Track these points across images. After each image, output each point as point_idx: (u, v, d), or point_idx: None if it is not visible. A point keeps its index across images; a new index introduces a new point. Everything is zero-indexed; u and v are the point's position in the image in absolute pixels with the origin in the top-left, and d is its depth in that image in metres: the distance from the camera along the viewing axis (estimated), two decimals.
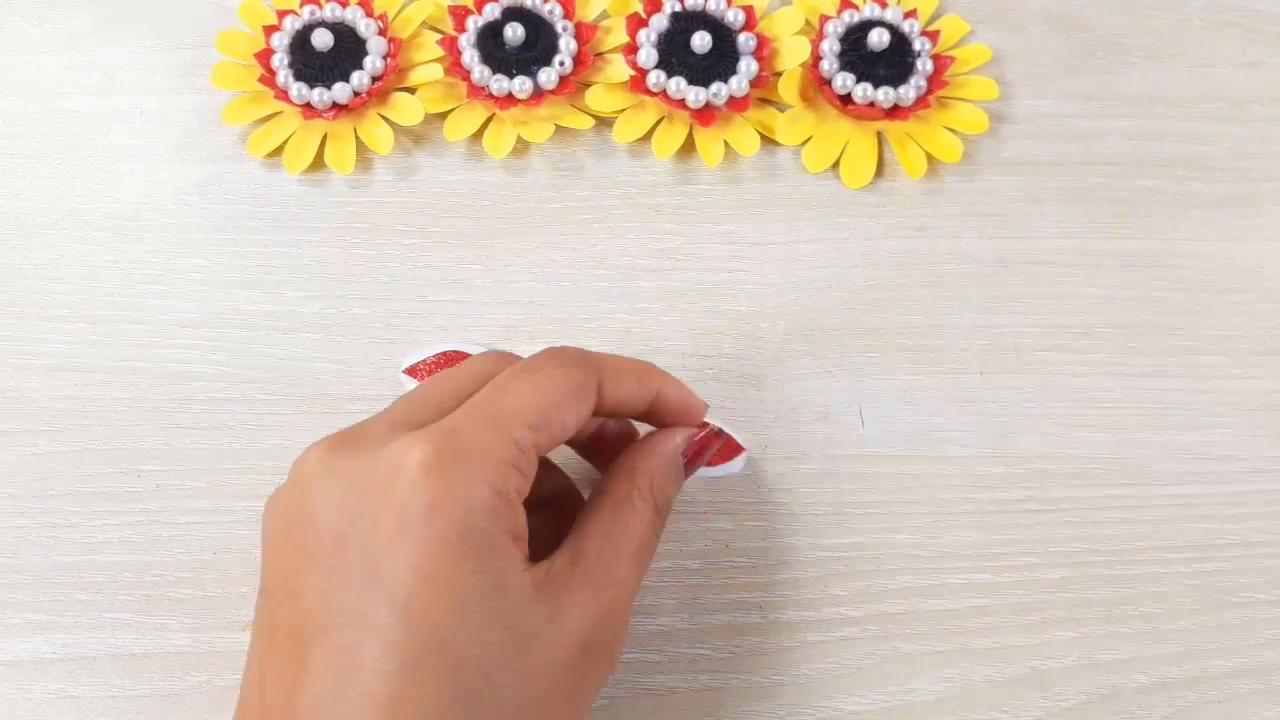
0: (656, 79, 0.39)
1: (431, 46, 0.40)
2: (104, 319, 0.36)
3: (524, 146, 0.39)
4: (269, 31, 0.39)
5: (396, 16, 0.40)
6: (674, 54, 0.39)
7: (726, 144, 0.39)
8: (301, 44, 0.39)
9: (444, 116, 0.39)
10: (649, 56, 0.39)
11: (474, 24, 0.39)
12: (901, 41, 0.40)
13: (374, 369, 0.36)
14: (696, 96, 0.38)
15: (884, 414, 0.36)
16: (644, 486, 0.28)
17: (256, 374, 0.36)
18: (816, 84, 0.40)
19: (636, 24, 0.40)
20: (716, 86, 0.39)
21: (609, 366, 0.28)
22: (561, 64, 0.39)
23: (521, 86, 0.38)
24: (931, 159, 0.39)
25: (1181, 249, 0.39)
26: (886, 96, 0.39)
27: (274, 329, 0.36)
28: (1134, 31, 0.42)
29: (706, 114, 0.39)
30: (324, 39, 0.38)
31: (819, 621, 0.33)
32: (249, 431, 0.35)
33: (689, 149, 0.39)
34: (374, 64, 0.39)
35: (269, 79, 0.39)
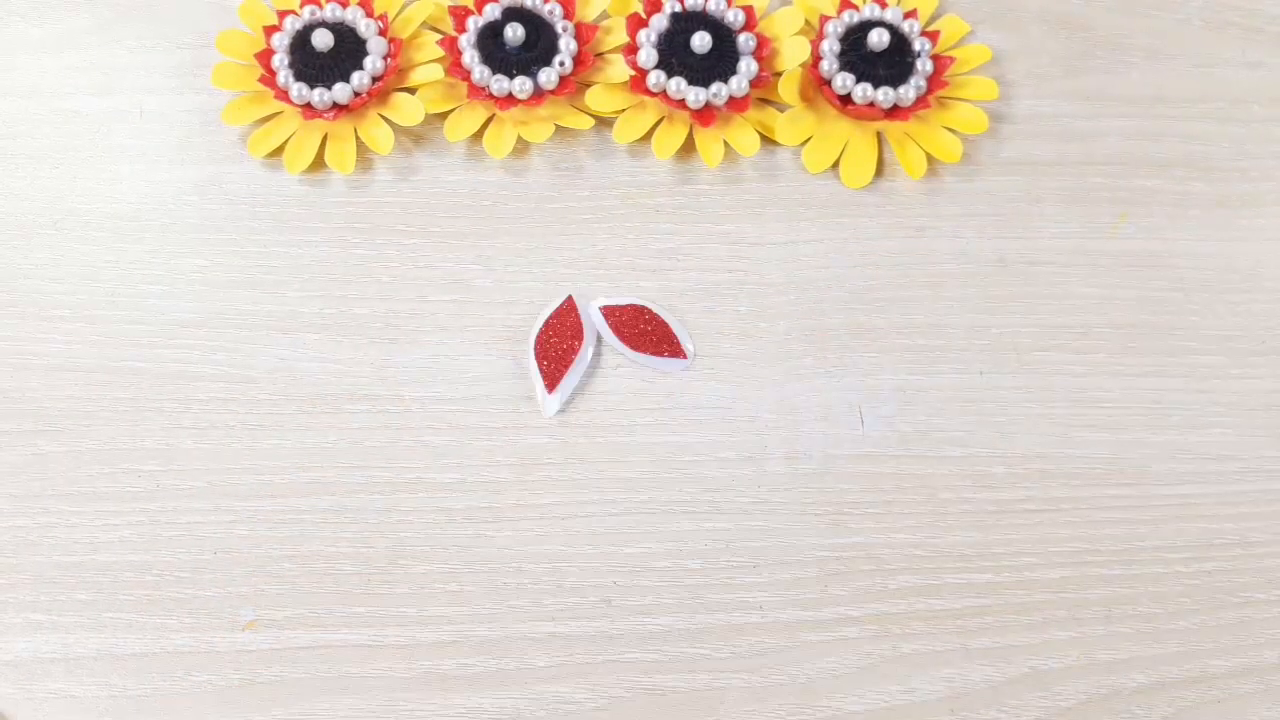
0: (656, 79, 0.39)
1: (432, 47, 0.40)
2: (104, 319, 0.36)
3: (524, 147, 0.39)
4: (269, 32, 0.39)
5: (397, 16, 0.40)
6: (674, 54, 0.39)
7: (726, 144, 0.39)
8: (302, 44, 0.39)
9: (444, 117, 0.39)
10: (649, 57, 0.39)
11: (474, 24, 0.39)
12: (901, 41, 0.40)
13: (374, 369, 0.36)
14: (696, 97, 0.38)
15: (884, 414, 0.36)
16: None
17: (256, 374, 0.36)
18: (816, 84, 0.40)
19: (636, 24, 0.40)
20: (716, 87, 0.39)
21: None
22: (561, 64, 0.39)
23: (522, 87, 0.38)
24: (931, 159, 0.39)
25: (1181, 249, 0.39)
26: (886, 96, 0.39)
27: (274, 329, 0.36)
28: (1134, 31, 0.42)
29: (706, 114, 0.39)
30: (324, 39, 0.38)
31: (819, 621, 0.33)
32: (249, 431, 0.35)
33: (689, 149, 0.39)
34: (374, 64, 0.39)
35: (269, 79, 0.39)
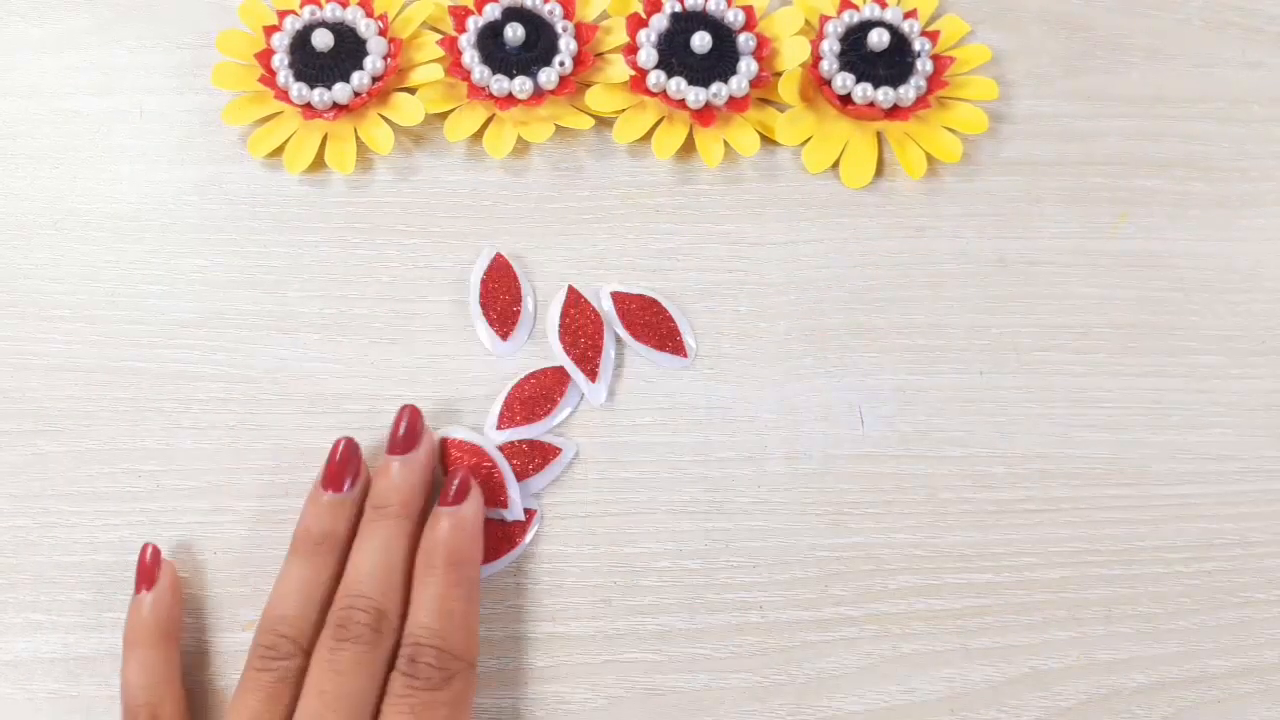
0: (656, 79, 0.39)
1: (432, 46, 0.40)
2: (104, 319, 0.36)
3: (524, 147, 0.39)
4: (269, 32, 0.39)
5: (397, 16, 0.40)
6: (674, 54, 0.39)
7: (726, 144, 0.39)
8: (302, 44, 0.39)
9: (444, 117, 0.39)
10: (649, 57, 0.39)
11: (474, 24, 0.39)
12: (901, 42, 0.40)
13: (374, 369, 0.36)
14: (696, 97, 0.38)
15: (884, 414, 0.36)
16: None
17: (256, 374, 0.36)
18: (816, 84, 0.40)
19: (636, 24, 0.40)
20: (716, 87, 0.39)
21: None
22: (561, 64, 0.39)
23: (522, 87, 0.38)
24: (931, 159, 0.39)
25: (1181, 249, 0.39)
26: (886, 97, 0.39)
27: (274, 329, 0.36)
28: (1134, 31, 0.42)
29: (706, 114, 0.39)
30: (324, 39, 0.38)
31: (819, 621, 0.33)
32: (249, 431, 0.35)
33: (689, 149, 0.39)
34: (374, 64, 0.39)
35: (269, 79, 0.39)
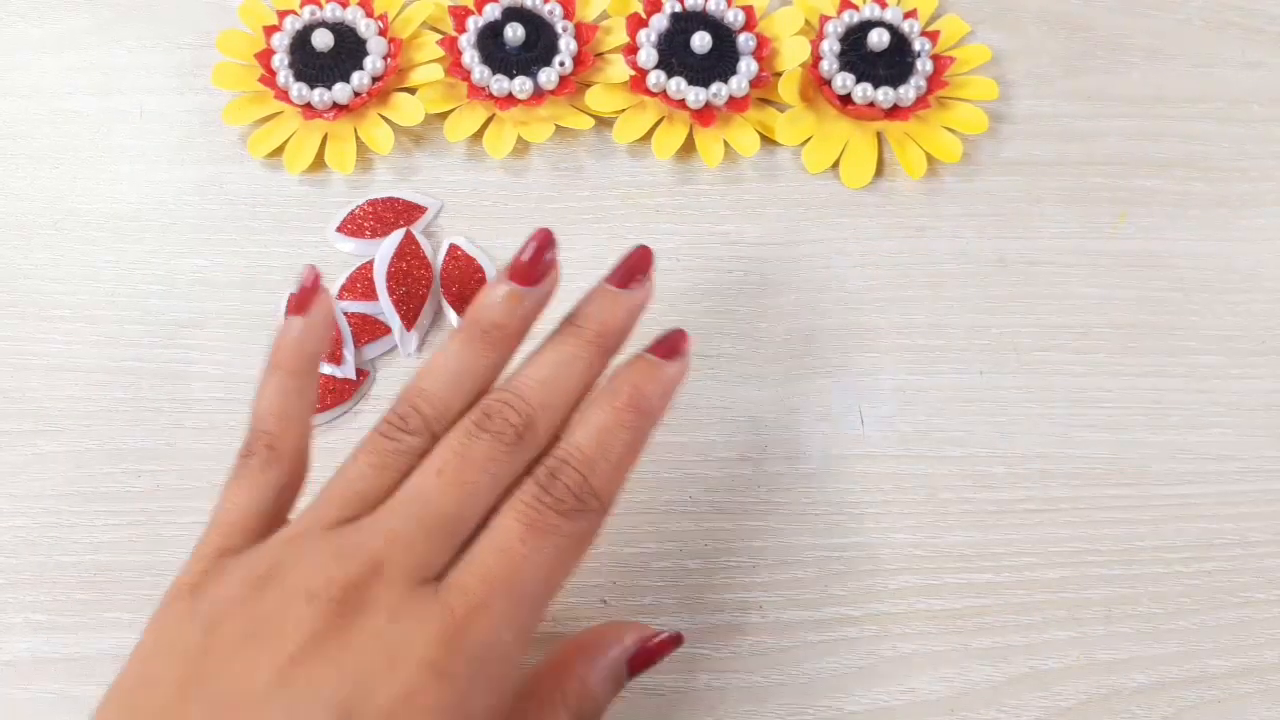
0: (656, 79, 0.39)
1: (432, 47, 0.40)
2: (104, 319, 0.36)
3: (524, 147, 0.39)
4: (269, 32, 0.39)
5: (397, 17, 0.40)
6: (674, 54, 0.39)
7: (726, 144, 0.39)
8: (302, 44, 0.39)
9: (444, 117, 0.39)
10: (649, 57, 0.39)
11: (474, 24, 0.39)
12: (901, 42, 0.40)
13: (374, 369, 0.36)
14: (696, 97, 0.38)
15: (884, 414, 0.36)
16: (570, 693, 0.25)
17: (256, 374, 0.36)
18: (816, 84, 0.40)
19: (636, 24, 0.40)
20: (716, 87, 0.39)
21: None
22: (561, 64, 0.39)
23: (521, 87, 0.38)
24: (931, 159, 0.39)
25: (1181, 249, 0.39)
26: (886, 97, 0.39)
27: (274, 329, 0.36)
28: (1134, 31, 0.42)
29: (706, 114, 0.39)
30: (324, 39, 0.38)
31: (819, 621, 0.33)
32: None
33: (689, 149, 0.39)
34: (374, 64, 0.39)
35: (269, 79, 0.39)
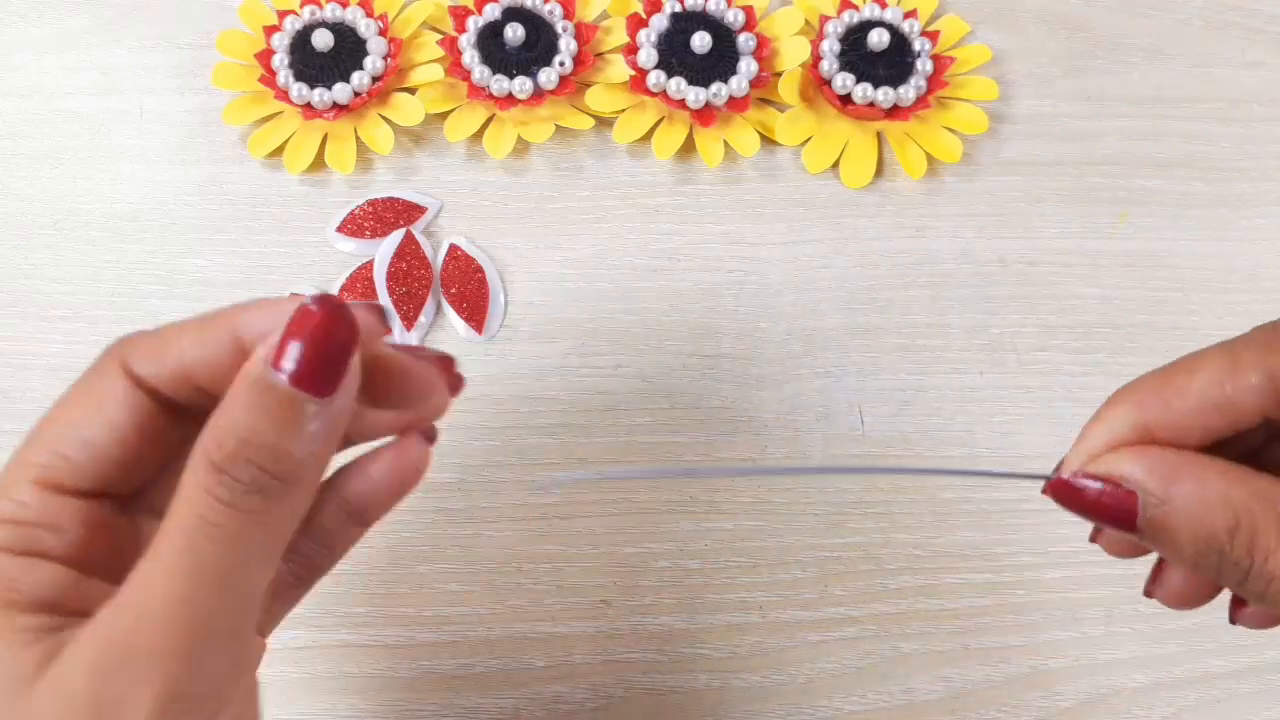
0: (656, 79, 0.39)
1: (432, 46, 0.40)
2: (104, 319, 0.36)
3: (524, 147, 0.39)
4: (269, 32, 0.39)
5: (397, 17, 0.40)
6: (674, 54, 0.39)
7: (726, 144, 0.39)
8: (302, 44, 0.39)
9: (444, 117, 0.39)
10: (649, 57, 0.39)
11: (474, 24, 0.39)
12: (901, 42, 0.40)
13: None
14: (696, 96, 0.38)
15: (884, 414, 0.36)
16: (200, 464, 0.18)
17: None
18: (816, 84, 0.40)
19: (636, 24, 0.40)
20: (716, 87, 0.39)
21: (138, 340, 0.21)
22: (561, 64, 0.39)
23: (522, 87, 0.38)
24: (931, 159, 0.39)
25: (1181, 249, 0.39)
26: (886, 97, 0.39)
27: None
28: (1134, 31, 0.42)
29: (706, 114, 0.39)
30: (324, 39, 0.38)
31: (819, 621, 0.33)
32: None
33: (689, 149, 0.39)
34: (374, 64, 0.39)
35: (269, 79, 0.39)
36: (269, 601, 0.22)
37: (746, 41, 0.39)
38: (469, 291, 0.37)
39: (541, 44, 0.39)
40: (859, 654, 0.33)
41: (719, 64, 0.39)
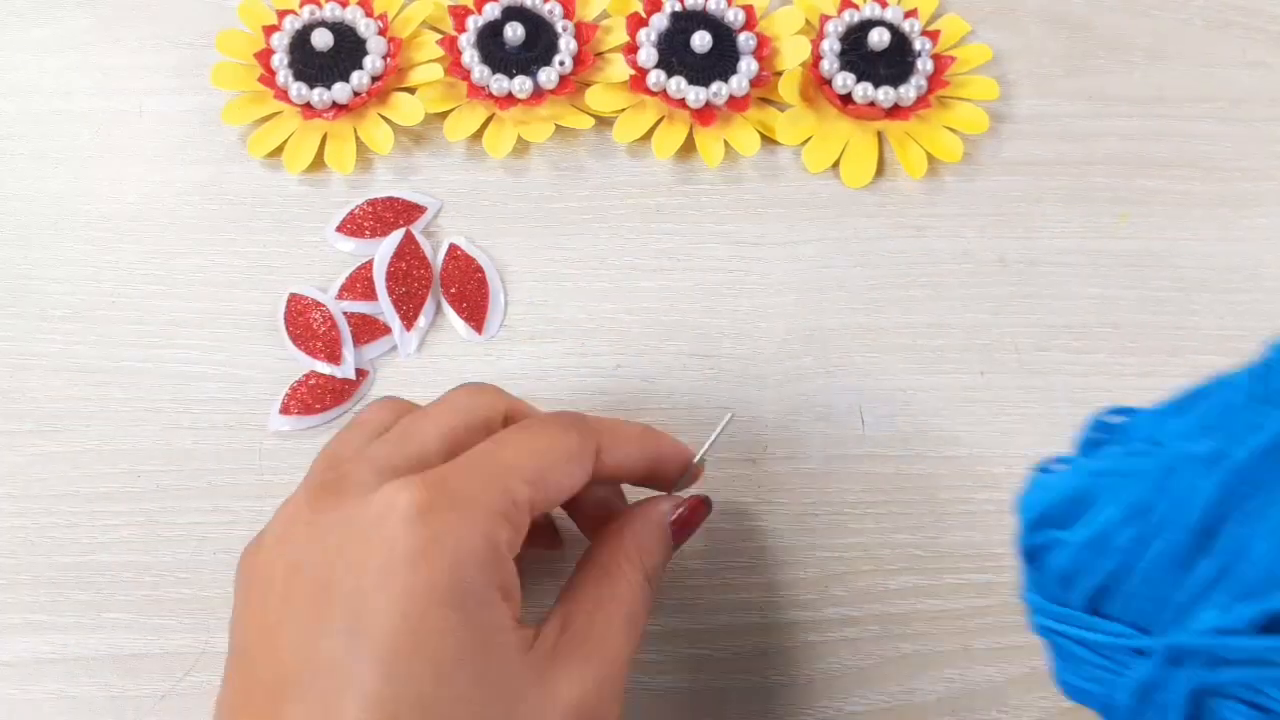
0: (656, 78, 0.39)
1: (431, 46, 0.40)
2: (104, 319, 0.36)
3: (524, 146, 0.39)
4: (269, 31, 0.39)
5: (396, 16, 0.40)
6: (674, 53, 0.39)
7: (727, 144, 0.39)
8: (301, 44, 0.39)
9: (444, 116, 0.39)
10: (649, 56, 0.39)
11: (474, 24, 0.39)
12: (902, 41, 0.40)
13: (374, 369, 0.36)
14: (696, 96, 0.38)
15: (884, 414, 0.36)
16: (632, 553, 0.27)
17: (256, 374, 0.36)
18: (817, 83, 0.40)
19: (636, 23, 0.40)
20: (716, 86, 0.38)
21: (608, 431, 0.27)
22: (561, 64, 0.39)
23: (521, 86, 0.38)
24: (932, 159, 0.39)
25: (1182, 249, 0.39)
26: (887, 96, 0.39)
27: (274, 329, 0.36)
28: (1135, 31, 0.42)
29: (706, 114, 0.39)
30: (324, 39, 0.38)
31: (819, 621, 0.33)
32: (249, 432, 0.35)
33: (689, 149, 0.39)
34: (374, 64, 0.39)
35: (269, 79, 0.39)
36: None
37: (747, 41, 0.39)
38: (469, 291, 0.37)
39: (541, 43, 0.39)
40: (860, 654, 0.33)
41: (719, 63, 0.39)
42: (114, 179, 0.38)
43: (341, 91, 0.38)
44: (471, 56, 0.39)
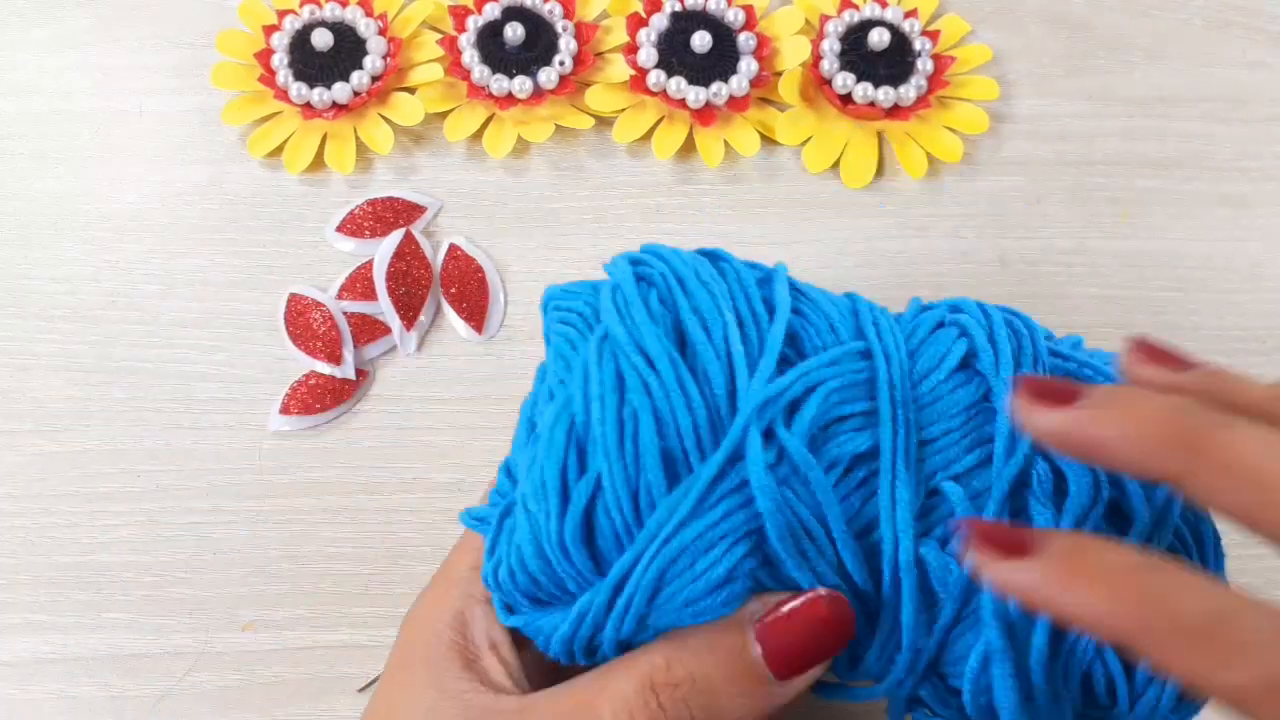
0: (656, 78, 0.38)
1: (431, 46, 0.40)
2: (104, 319, 0.36)
3: (524, 146, 0.39)
4: (269, 31, 0.39)
5: (396, 16, 0.40)
6: (674, 53, 0.39)
7: (727, 144, 0.39)
8: (301, 44, 0.39)
9: (444, 116, 0.39)
10: (649, 56, 0.39)
11: (474, 23, 0.39)
12: (902, 41, 0.40)
13: (374, 369, 0.36)
14: (696, 96, 0.38)
15: None
16: (642, 671, 0.21)
17: (256, 374, 0.36)
18: (817, 84, 0.40)
19: (636, 23, 0.40)
20: (716, 86, 0.38)
21: None
22: (561, 63, 0.39)
23: (521, 86, 0.38)
24: (932, 159, 0.39)
25: (1182, 249, 0.39)
26: (887, 96, 0.39)
27: (274, 329, 0.36)
28: (1135, 31, 0.42)
29: (706, 114, 0.39)
30: (324, 39, 0.38)
31: None
32: (249, 432, 0.35)
33: (689, 149, 0.39)
34: (374, 64, 0.39)
35: (269, 79, 0.39)
36: None
37: (747, 41, 0.39)
38: (469, 291, 0.37)
39: (541, 43, 0.39)
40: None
41: (719, 63, 0.39)
42: (114, 179, 0.38)
43: (341, 91, 0.38)
44: (471, 56, 0.39)
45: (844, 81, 0.39)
